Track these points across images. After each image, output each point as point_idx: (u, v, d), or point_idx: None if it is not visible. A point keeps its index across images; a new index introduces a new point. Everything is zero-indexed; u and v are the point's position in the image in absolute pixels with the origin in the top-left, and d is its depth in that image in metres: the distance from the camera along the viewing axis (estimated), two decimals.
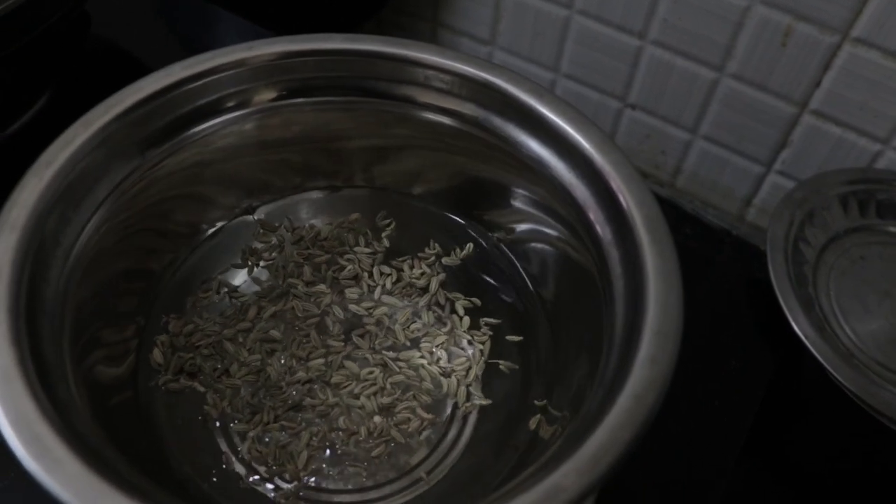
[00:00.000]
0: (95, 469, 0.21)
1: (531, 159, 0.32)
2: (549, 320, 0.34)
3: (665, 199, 0.47)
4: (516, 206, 0.35)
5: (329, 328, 0.35)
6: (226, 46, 0.32)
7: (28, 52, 0.38)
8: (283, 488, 0.31)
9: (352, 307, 0.36)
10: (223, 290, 0.36)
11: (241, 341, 0.34)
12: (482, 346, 0.35)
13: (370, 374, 0.34)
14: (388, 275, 0.37)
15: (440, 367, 0.34)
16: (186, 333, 0.34)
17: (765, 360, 0.39)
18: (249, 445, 0.32)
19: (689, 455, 0.36)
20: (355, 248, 0.37)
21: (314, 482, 0.31)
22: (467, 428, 0.33)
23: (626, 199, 0.28)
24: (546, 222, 0.34)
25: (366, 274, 0.37)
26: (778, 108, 0.42)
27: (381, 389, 0.34)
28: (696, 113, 0.45)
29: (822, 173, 0.40)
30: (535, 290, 0.36)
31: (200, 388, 0.33)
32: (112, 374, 0.31)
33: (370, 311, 0.36)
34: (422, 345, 0.35)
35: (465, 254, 0.37)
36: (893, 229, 0.40)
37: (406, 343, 0.35)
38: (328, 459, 0.32)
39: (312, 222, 0.38)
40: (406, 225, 0.38)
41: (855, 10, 0.36)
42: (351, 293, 0.36)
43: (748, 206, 0.48)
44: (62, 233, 0.28)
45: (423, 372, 0.34)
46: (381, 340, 0.35)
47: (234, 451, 0.32)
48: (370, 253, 0.37)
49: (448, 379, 0.34)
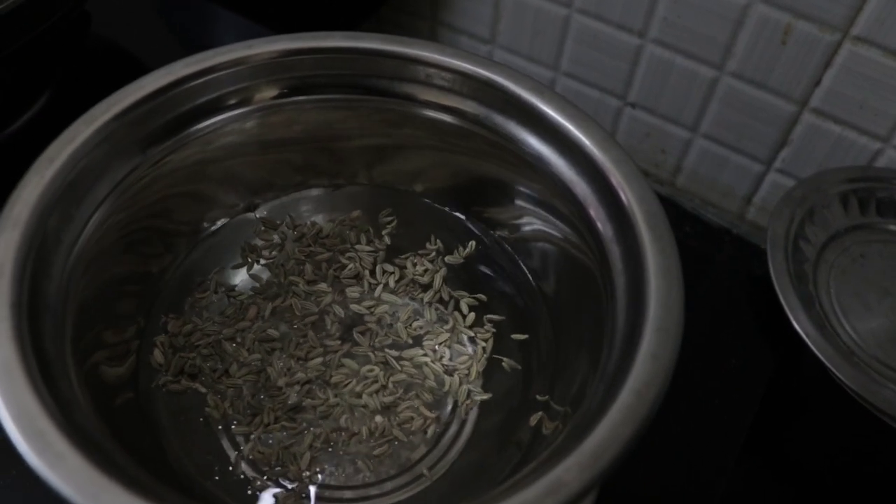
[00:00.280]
0: (97, 464, 0.21)
1: (532, 157, 0.32)
2: (551, 317, 0.34)
3: (665, 198, 0.47)
4: (518, 203, 0.35)
5: (327, 327, 0.35)
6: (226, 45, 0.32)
7: (28, 51, 0.38)
8: (287, 488, 0.31)
9: (353, 306, 0.36)
10: (221, 289, 0.36)
11: (241, 341, 0.34)
12: (485, 343, 0.35)
13: (370, 371, 0.34)
14: (391, 273, 0.37)
15: (443, 364, 0.34)
16: (185, 333, 0.34)
17: (765, 358, 0.39)
18: (252, 447, 0.32)
19: (688, 453, 0.36)
20: (356, 246, 0.37)
21: (317, 482, 0.31)
22: (469, 424, 0.33)
23: (627, 195, 0.28)
24: (547, 219, 0.34)
25: (367, 272, 0.37)
26: (778, 106, 0.42)
27: (382, 388, 0.33)
28: (696, 111, 0.45)
29: (822, 171, 0.40)
30: (536, 287, 0.36)
31: (201, 389, 0.33)
32: (114, 374, 0.31)
33: (371, 309, 0.36)
34: (424, 342, 0.35)
35: (468, 252, 0.37)
36: (893, 227, 0.40)
37: (408, 341, 0.35)
38: (330, 459, 0.32)
39: (314, 219, 0.38)
40: (407, 222, 0.38)
41: (855, 8, 0.37)
42: (352, 292, 0.36)
43: (748, 204, 0.48)
44: (64, 230, 0.28)
45: (426, 370, 0.34)
46: (381, 338, 0.35)
47: (237, 452, 0.32)
48: (371, 251, 0.37)
49: (451, 377, 0.34)
